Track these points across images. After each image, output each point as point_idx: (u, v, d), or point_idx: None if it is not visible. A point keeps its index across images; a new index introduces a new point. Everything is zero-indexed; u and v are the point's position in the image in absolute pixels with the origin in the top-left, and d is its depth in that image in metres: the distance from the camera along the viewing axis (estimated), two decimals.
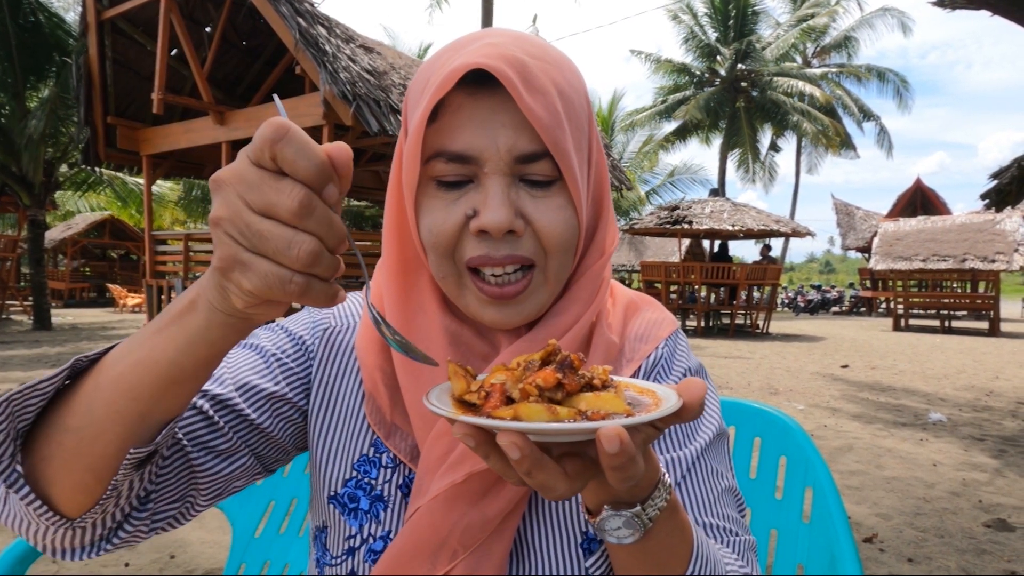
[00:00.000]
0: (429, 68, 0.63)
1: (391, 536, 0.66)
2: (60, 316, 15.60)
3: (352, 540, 0.68)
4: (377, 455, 0.68)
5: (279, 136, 0.40)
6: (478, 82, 0.60)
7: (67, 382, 0.53)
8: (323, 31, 5.82)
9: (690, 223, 13.55)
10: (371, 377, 0.69)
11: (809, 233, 14.48)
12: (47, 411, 0.53)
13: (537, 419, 0.43)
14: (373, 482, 0.68)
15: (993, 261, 14.96)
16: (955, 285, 19.82)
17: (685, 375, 0.73)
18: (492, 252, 0.61)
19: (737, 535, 0.69)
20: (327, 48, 5.56)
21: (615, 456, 0.40)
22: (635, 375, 0.72)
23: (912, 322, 17.57)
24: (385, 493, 0.67)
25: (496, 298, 0.62)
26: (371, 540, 0.67)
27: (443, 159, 0.61)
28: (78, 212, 23.15)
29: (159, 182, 17.51)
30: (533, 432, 0.43)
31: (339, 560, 0.69)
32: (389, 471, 0.68)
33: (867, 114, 29.08)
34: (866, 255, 22.93)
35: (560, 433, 0.43)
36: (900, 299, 17.02)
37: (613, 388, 0.48)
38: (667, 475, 0.55)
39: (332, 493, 0.69)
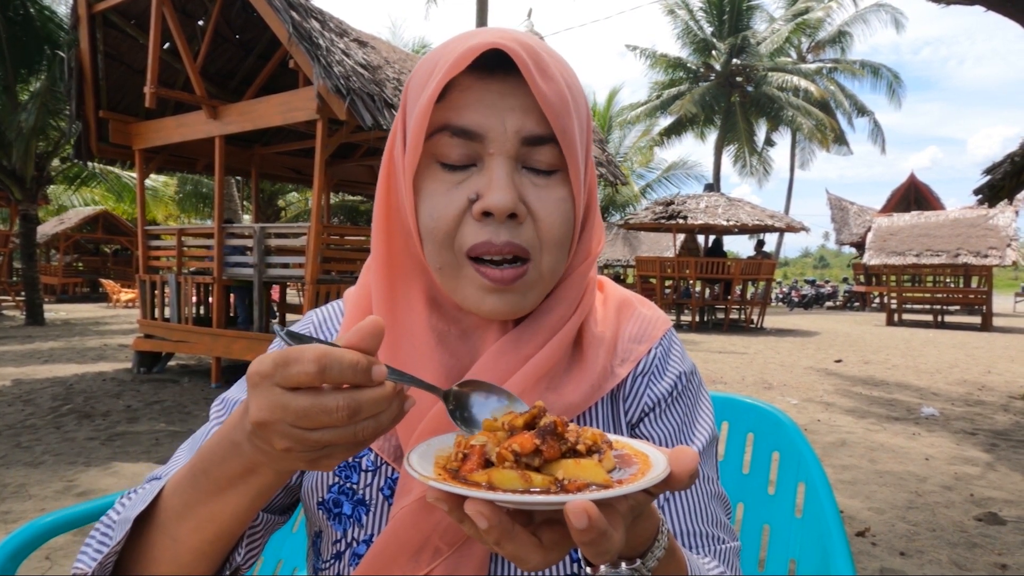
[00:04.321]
0: (436, 55, 0.62)
1: (374, 539, 0.66)
2: (53, 311, 15.51)
3: (338, 545, 0.68)
4: (356, 459, 0.69)
5: (322, 367, 0.42)
6: (488, 67, 0.60)
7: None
8: (317, 25, 5.78)
9: (685, 218, 13.56)
10: None
11: (803, 228, 14.52)
12: (125, 564, 0.59)
13: (510, 486, 0.42)
14: (355, 487, 0.68)
15: (986, 256, 15.04)
16: (948, 280, 19.91)
17: (679, 378, 0.73)
18: (493, 238, 0.59)
19: (724, 542, 0.70)
20: (321, 42, 5.52)
21: (583, 532, 0.39)
22: (629, 376, 0.72)
23: (905, 317, 17.66)
24: (367, 497, 0.67)
25: (497, 281, 0.61)
26: (355, 544, 0.67)
27: (448, 132, 0.60)
28: (71, 207, 22.97)
29: (154, 177, 17.41)
30: (501, 501, 0.41)
31: (328, 564, 0.69)
32: (370, 475, 0.68)
33: (860, 109, 29.13)
34: (860, 250, 23.01)
35: (528, 505, 0.41)
36: (893, 294, 17.10)
37: (600, 454, 0.46)
38: (664, 522, 0.53)
39: (319, 500, 0.69)
